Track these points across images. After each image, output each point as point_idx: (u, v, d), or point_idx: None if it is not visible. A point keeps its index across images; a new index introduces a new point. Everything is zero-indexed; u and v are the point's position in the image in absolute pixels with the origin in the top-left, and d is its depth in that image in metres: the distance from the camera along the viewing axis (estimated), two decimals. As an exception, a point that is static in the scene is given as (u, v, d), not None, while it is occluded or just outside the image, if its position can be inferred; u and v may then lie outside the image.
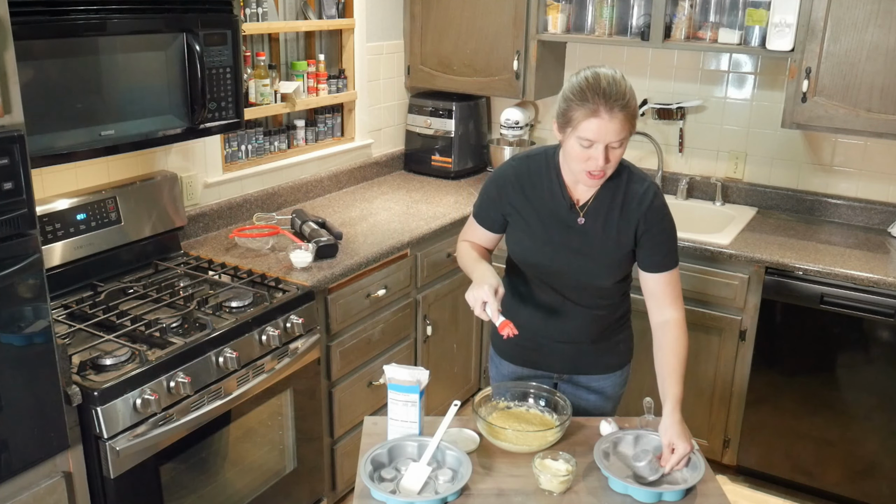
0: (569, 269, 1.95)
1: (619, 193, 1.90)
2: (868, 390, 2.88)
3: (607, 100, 1.70)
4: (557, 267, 1.96)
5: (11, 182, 1.63)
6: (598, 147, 1.75)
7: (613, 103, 1.71)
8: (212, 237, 2.99)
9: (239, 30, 2.46)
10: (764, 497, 3.16)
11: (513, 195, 1.97)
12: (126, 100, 2.20)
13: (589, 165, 1.78)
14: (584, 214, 1.92)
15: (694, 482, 1.67)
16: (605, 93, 1.71)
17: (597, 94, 1.71)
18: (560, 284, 1.99)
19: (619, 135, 1.74)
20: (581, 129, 1.74)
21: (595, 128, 1.72)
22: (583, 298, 2.00)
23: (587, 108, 1.72)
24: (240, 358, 2.23)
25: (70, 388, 1.85)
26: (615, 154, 1.78)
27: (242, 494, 2.41)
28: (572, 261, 1.94)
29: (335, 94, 3.52)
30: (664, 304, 1.94)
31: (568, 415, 1.84)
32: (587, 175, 1.81)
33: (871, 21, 2.84)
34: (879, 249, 3.05)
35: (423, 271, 3.16)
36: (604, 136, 1.73)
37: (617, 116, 1.71)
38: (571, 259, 1.94)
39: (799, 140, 3.40)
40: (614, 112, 1.71)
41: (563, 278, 1.98)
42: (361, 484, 1.66)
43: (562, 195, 1.92)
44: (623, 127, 1.73)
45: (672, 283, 1.94)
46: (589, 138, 1.74)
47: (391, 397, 1.79)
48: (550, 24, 3.53)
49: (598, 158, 1.75)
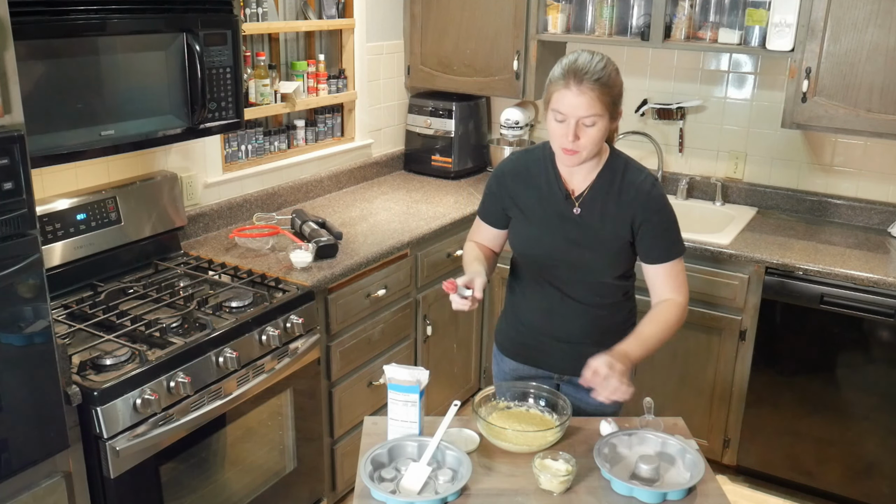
0: (567, 260, 1.96)
1: (615, 184, 1.93)
2: (868, 390, 2.88)
3: (577, 74, 1.77)
4: (556, 259, 1.97)
5: (11, 182, 1.63)
6: (569, 122, 1.79)
7: (584, 77, 1.77)
8: (212, 237, 2.99)
9: (239, 30, 2.46)
10: (764, 497, 3.16)
11: (511, 187, 2.00)
12: (126, 100, 2.20)
13: (563, 142, 1.82)
14: (579, 204, 1.94)
15: (694, 482, 1.67)
16: (577, 68, 1.78)
17: (570, 70, 1.79)
18: (560, 280, 2.00)
19: (590, 110, 1.77)
20: (553, 101, 1.81)
21: (565, 101, 1.78)
22: (583, 295, 2.00)
23: (560, 82, 1.79)
24: (240, 358, 2.23)
25: (70, 388, 1.85)
26: (588, 133, 1.80)
27: (242, 494, 2.41)
28: (570, 252, 1.95)
29: (335, 94, 3.52)
30: (669, 291, 1.96)
31: (568, 415, 1.84)
32: (563, 152, 1.85)
33: (871, 21, 2.84)
34: (879, 249, 3.05)
35: (423, 271, 3.16)
36: (574, 110, 1.78)
37: (587, 92, 1.76)
38: (569, 250, 1.95)
39: (799, 140, 3.40)
40: (584, 86, 1.76)
41: (562, 272, 1.99)
42: (361, 484, 1.66)
43: (557, 186, 1.95)
44: (594, 103, 1.77)
45: (675, 274, 1.95)
46: (560, 110, 1.80)
47: (391, 397, 1.79)
48: (550, 24, 3.53)
49: (569, 133, 1.79)
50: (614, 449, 1.79)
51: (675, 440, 1.79)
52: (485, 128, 4.08)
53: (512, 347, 2.16)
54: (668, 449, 1.78)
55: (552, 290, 2.02)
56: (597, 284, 2.00)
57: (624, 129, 3.63)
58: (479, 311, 3.58)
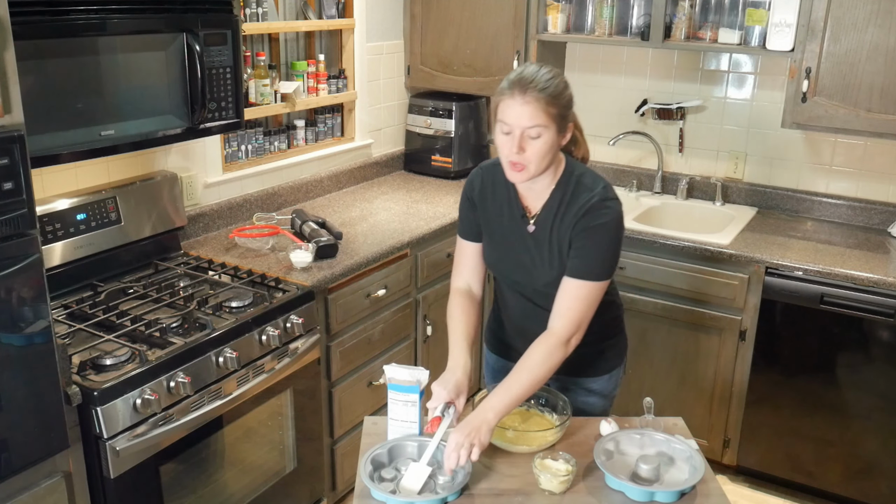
0: (529, 277, 1.96)
1: (563, 202, 1.87)
2: (868, 390, 2.88)
3: (522, 83, 1.74)
4: (519, 275, 1.98)
5: (11, 182, 1.63)
6: (514, 133, 1.76)
7: (528, 86, 1.73)
8: (212, 237, 2.99)
9: (239, 30, 2.46)
10: (764, 497, 3.16)
11: (479, 204, 1.99)
12: (126, 100, 2.20)
13: (509, 154, 1.78)
14: (534, 223, 1.91)
15: (694, 482, 1.67)
16: (522, 78, 1.75)
17: (516, 80, 1.76)
18: (528, 292, 2.00)
19: (534, 120, 1.73)
20: (499, 112, 1.78)
21: (510, 111, 1.75)
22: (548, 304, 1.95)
23: (506, 92, 1.76)
24: (240, 358, 2.23)
25: (70, 388, 1.85)
26: (533, 146, 1.76)
27: (242, 494, 2.41)
28: (529, 269, 1.94)
29: (335, 94, 3.52)
30: (557, 312, 1.84)
31: (568, 415, 1.84)
32: (509, 166, 1.80)
33: (871, 21, 2.84)
34: (879, 249, 3.05)
35: (423, 271, 3.16)
36: (517, 120, 1.74)
37: (531, 102, 1.73)
38: (528, 268, 1.94)
39: (799, 140, 3.40)
40: (528, 96, 1.73)
41: (527, 286, 1.99)
42: (361, 484, 1.66)
43: (515, 204, 1.93)
44: (537, 114, 1.73)
45: (575, 296, 1.83)
46: (505, 121, 1.76)
47: (391, 397, 1.79)
48: (550, 24, 3.53)
49: (513, 145, 1.76)
50: (614, 449, 1.79)
51: (675, 440, 1.79)
52: (485, 128, 4.08)
53: (497, 345, 2.20)
54: (668, 449, 1.78)
55: (524, 300, 2.02)
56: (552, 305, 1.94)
57: (624, 130, 3.64)
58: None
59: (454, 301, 2.05)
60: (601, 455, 1.73)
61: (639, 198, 3.64)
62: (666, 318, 3.18)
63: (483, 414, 1.71)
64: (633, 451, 1.78)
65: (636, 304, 3.19)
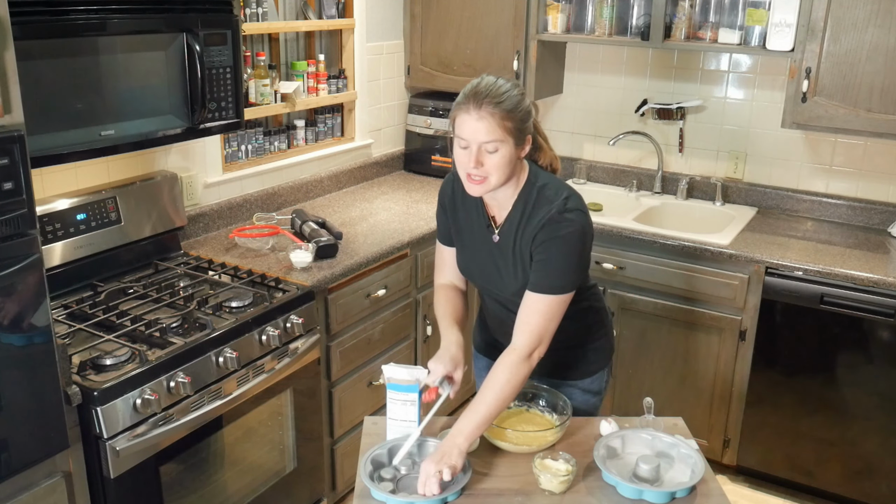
0: (496, 285, 1.95)
1: (525, 212, 1.85)
2: (868, 390, 2.88)
3: (477, 98, 1.70)
4: (487, 282, 1.98)
5: (11, 182, 1.63)
6: (471, 148, 1.73)
7: (483, 100, 1.70)
8: (212, 237, 2.99)
9: (239, 30, 2.46)
10: (764, 497, 3.16)
11: (451, 211, 2.00)
12: (126, 100, 2.20)
13: (467, 168, 1.76)
14: (498, 233, 1.90)
15: (694, 482, 1.67)
16: (478, 92, 1.72)
17: (472, 93, 1.72)
18: (501, 298, 1.99)
19: (490, 135, 1.70)
20: (456, 127, 1.76)
21: (465, 125, 1.73)
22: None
23: (462, 106, 1.73)
24: (240, 358, 2.23)
25: (70, 388, 1.86)
26: (490, 160, 1.73)
27: (242, 494, 2.41)
28: (496, 278, 1.94)
29: (335, 94, 3.52)
30: (518, 325, 1.82)
31: (568, 415, 1.84)
32: (468, 179, 1.78)
33: (871, 21, 2.84)
34: (879, 249, 3.05)
35: (423, 271, 3.16)
36: (473, 135, 1.72)
37: (486, 116, 1.70)
38: (494, 276, 1.94)
39: (799, 140, 3.40)
40: (483, 110, 1.70)
41: (497, 293, 1.99)
42: (361, 484, 1.66)
43: (482, 213, 1.93)
44: (493, 129, 1.70)
45: (534, 310, 1.80)
46: (461, 136, 1.74)
47: (390, 397, 1.79)
48: (550, 24, 3.53)
49: (471, 160, 1.73)
50: (614, 449, 1.79)
51: (675, 440, 1.79)
52: (485, 128, 4.08)
53: (483, 346, 2.21)
54: (668, 449, 1.79)
55: (498, 305, 2.03)
56: None
57: (624, 130, 3.64)
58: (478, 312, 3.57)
59: (438, 294, 2.07)
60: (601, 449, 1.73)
61: (639, 198, 3.64)
62: (666, 318, 3.18)
63: (453, 439, 1.69)
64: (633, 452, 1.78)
65: (636, 304, 3.19)
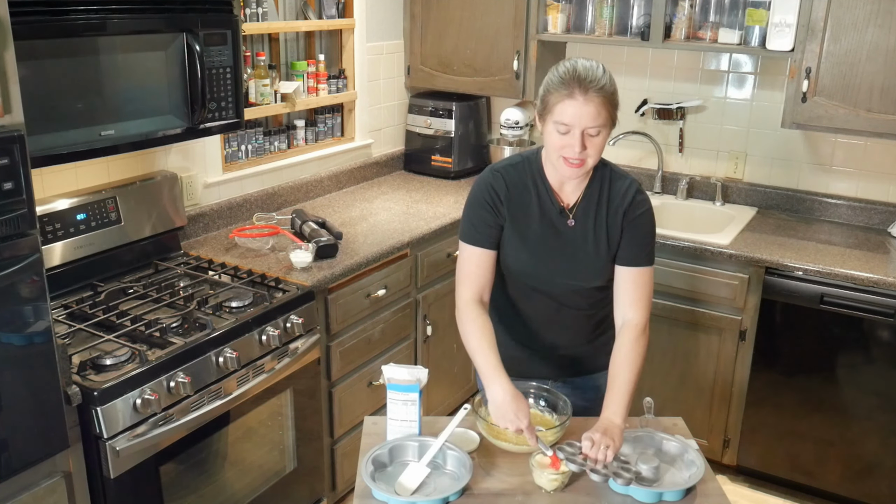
0: (563, 273, 1.93)
1: (604, 191, 1.89)
2: (868, 390, 2.88)
3: (582, 83, 1.71)
4: (551, 272, 1.94)
5: (11, 182, 1.63)
6: (574, 133, 1.74)
7: (589, 86, 1.71)
8: (212, 237, 2.99)
9: (239, 30, 2.46)
10: (764, 497, 3.16)
11: (504, 206, 1.91)
12: (126, 100, 2.20)
13: (566, 152, 1.76)
14: (573, 216, 1.90)
15: (694, 482, 1.67)
16: (580, 77, 1.72)
17: (573, 79, 1.72)
18: (555, 292, 1.96)
19: (596, 120, 1.73)
20: (557, 112, 1.74)
21: (570, 111, 1.72)
22: (577, 303, 1.98)
23: (563, 91, 1.73)
24: (240, 358, 2.23)
25: (70, 388, 1.85)
26: (593, 143, 1.76)
27: (242, 494, 2.41)
28: (566, 265, 1.92)
29: (335, 94, 3.52)
30: (627, 302, 1.89)
31: (568, 415, 1.84)
32: (565, 163, 1.79)
33: (871, 21, 2.84)
34: (879, 249, 3.05)
35: (423, 271, 3.16)
36: (579, 120, 1.72)
37: (592, 100, 1.71)
38: (565, 263, 1.92)
39: (799, 140, 3.40)
40: (589, 95, 1.71)
41: (557, 284, 1.95)
42: (362, 484, 1.66)
43: (550, 200, 1.90)
44: (599, 112, 1.72)
45: (639, 283, 1.89)
46: (565, 122, 1.74)
47: (390, 397, 1.79)
48: (550, 24, 3.53)
49: (575, 145, 1.74)
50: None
51: (675, 440, 1.79)
52: (485, 128, 4.08)
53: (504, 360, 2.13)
54: (668, 449, 1.78)
55: (547, 301, 1.98)
56: (591, 291, 1.96)
57: (624, 130, 3.64)
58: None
59: (472, 314, 1.89)
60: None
61: (639, 198, 3.64)
62: (666, 318, 3.18)
63: (610, 422, 1.73)
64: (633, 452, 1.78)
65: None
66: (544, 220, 1.91)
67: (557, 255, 1.92)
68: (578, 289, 1.95)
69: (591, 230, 1.90)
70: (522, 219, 1.91)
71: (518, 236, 1.92)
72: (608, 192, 1.89)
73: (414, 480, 1.65)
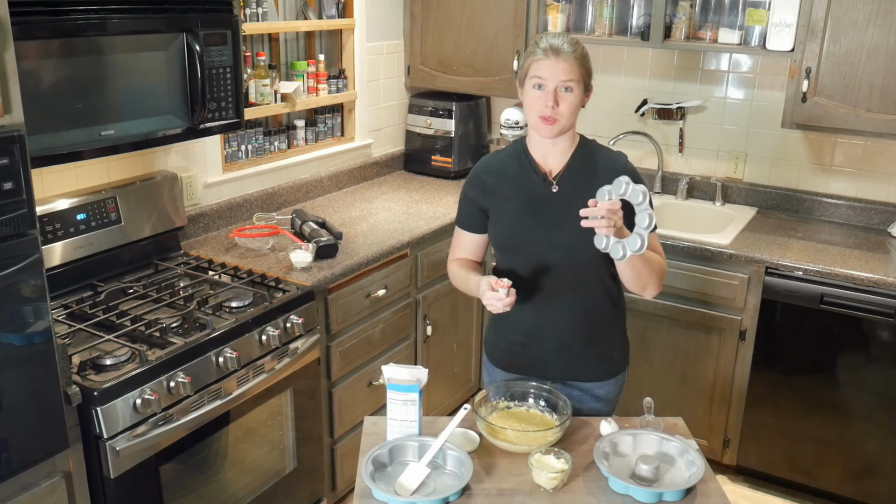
0: (551, 241, 1.96)
1: (590, 161, 2.01)
2: (868, 390, 2.88)
3: (554, 47, 1.90)
4: (540, 243, 1.97)
5: (11, 182, 1.63)
6: (548, 87, 1.89)
7: (561, 46, 1.90)
8: (212, 237, 2.99)
9: (239, 30, 2.46)
10: (764, 497, 3.16)
11: (486, 182, 2.05)
12: (126, 100, 2.20)
13: (542, 110, 1.90)
14: (557, 183, 1.99)
15: (694, 482, 1.67)
16: (553, 44, 1.91)
17: (548, 46, 1.91)
18: (546, 266, 1.98)
19: (568, 74, 1.88)
20: (533, 69, 1.91)
21: (545, 65, 1.89)
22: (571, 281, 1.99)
23: (539, 55, 1.91)
24: (240, 358, 2.23)
25: (70, 388, 1.85)
26: (566, 100, 1.90)
27: (242, 494, 2.41)
28: (553, 232, 1.96)
29: (335, 94, 3.52)
30: None
31: (568, 415, 1.84)
32: (541, 121, 1.92)
33: (871, 21, 2.84)
34: (879, 249, 3.05)
35: (423, 271, 3.16)
36: (553, 74, 1.88)
37: (565, 58, 1.89)
38: (552, 230, 1.96)
39: (799, 140, 3.40)
40: (561, 55, 1.89)
41: (548, 256, 1.97)
42: (362, 484, 1.66)
43: (533, 171, 2.00)
44: (572, 68, 1.89)
45: (656, 245, 2.03)
46: (540, 75, 1.89)
47: (390, 397, 1.79)
48: (550, 24, 3.53)
49: (549, 98, 1.89)
50: (614, 449, 1.79)
51: (675, 440, 1.79)
52: (485, 128, 4.08)
53: (502, 358, 2.14)
54: (668, 449, 1.79)
55: (540, 280, 1.99)
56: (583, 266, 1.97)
57: (624, 129, 3.64)
58: (478, 311, 3.57)
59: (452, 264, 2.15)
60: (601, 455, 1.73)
61: (639, 198, 3.64)
62: (666, 318, 3.18)
63: None
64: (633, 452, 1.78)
65: (636, 304, 3.19)
66: (526, 189, 2.01)
67: (542, 222, 1.98)
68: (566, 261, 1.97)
69: (577, 195, 1.91)
70: (506, 192, 2.03)
71: (503, 207, 2.04)
72: (595, 162, 2.01)
73: (414, 480, 1.65)
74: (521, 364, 2.10)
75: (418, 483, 1.65)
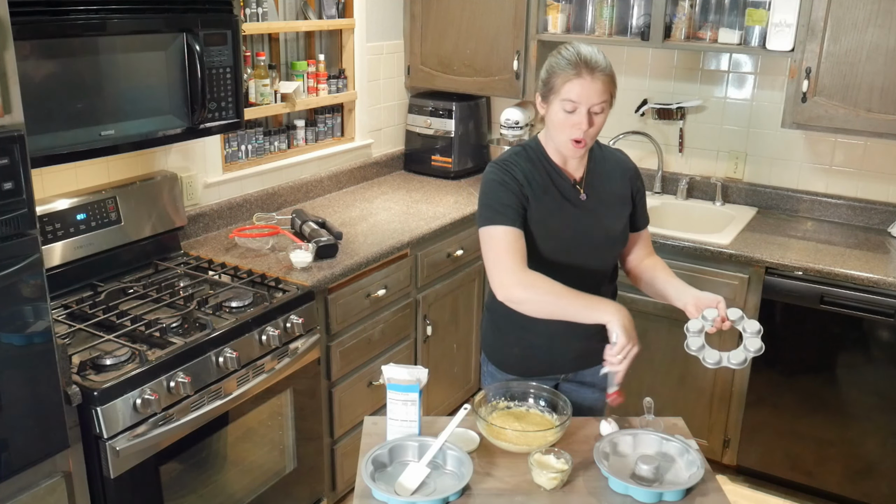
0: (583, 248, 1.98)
1: (603, 163, 2.02)
2: (868, 390, 2.88)
3: (588, 64, 1.81)
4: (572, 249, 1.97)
5: (11, 182, 1.63)
6: (580, 111, 1.82)
7: (594, 66, 1.81)
8: (212, 237, 2.99)
9: (239, 30, 2.46)
10: (764, 497, 3.16)
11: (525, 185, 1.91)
12: (126, 100, 2.20)
13: (573, 133, 1.84)
14: (584, 190, 1.99)
15: (694, 482, 1.67)
16: (586, 59, 1.82)
17: (579, 60, 1.82)
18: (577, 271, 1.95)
19: (601, 97, 1.82)
20: (564, 91, 1.83)
21: (578, 89, 1.81)
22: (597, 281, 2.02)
23: (570, 72, 1.82)
24: (240, 358, 2.23)
25: (70, 387, 1.85)
26: (598, 120, 1.85)
27: (242, 494, 2.41)
28: (585, 238, 1.98)
29: (335, 94, 3.52)
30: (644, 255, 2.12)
31: (568, 415, 1.84)
32: (572, 143, 1.87)
33: (871, 21, 2.84)
34: (879, 249, 3.05)
35: (423, 271, 3.16)
36: (586, 98, 1.81)
37: (598, 78, 1.81)
38: (584, 237, 1.98)
39: (799, 140, 3.40)
40: (595, 75, 1.81)
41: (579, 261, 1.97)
42: (362, 484, 1.66)
43: (561, 177, 1.97)
44: (604, 90, 1.83)
45: (648, 238, 2.14)
46: (572, 99, 1.82)
47: (390, 397, 1.79)
48: (550, 24, 3.53)
49: (582, 122, 1.83)
50: (614, 449, 1.79)
51: (675, 440, 1.79)
52: (485, 128, 4.08)
53: (517, 364, 2.09)
54: (668, 449, 1.79)
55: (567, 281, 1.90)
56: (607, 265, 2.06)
57: (624, 129, 3.64)
58: (478, 311, 3.57)
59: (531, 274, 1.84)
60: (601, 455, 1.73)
61: (639, 198, 3.64)
62: (666, 318, 3.18)
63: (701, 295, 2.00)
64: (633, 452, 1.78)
65: (636, 304, 3.18)
66: (558, 197, 1.97)
67: (575, 229, 1.98)
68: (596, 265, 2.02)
69: (602, 201, 1.99)
70: (542, 197, 1.94)
71: (542, 208, 1.93)
72: (605, 164, 2.03)
73: (414, 480, 1.65)
74: (539, 368, 2.08)
75: (418, 483, 1.65)
